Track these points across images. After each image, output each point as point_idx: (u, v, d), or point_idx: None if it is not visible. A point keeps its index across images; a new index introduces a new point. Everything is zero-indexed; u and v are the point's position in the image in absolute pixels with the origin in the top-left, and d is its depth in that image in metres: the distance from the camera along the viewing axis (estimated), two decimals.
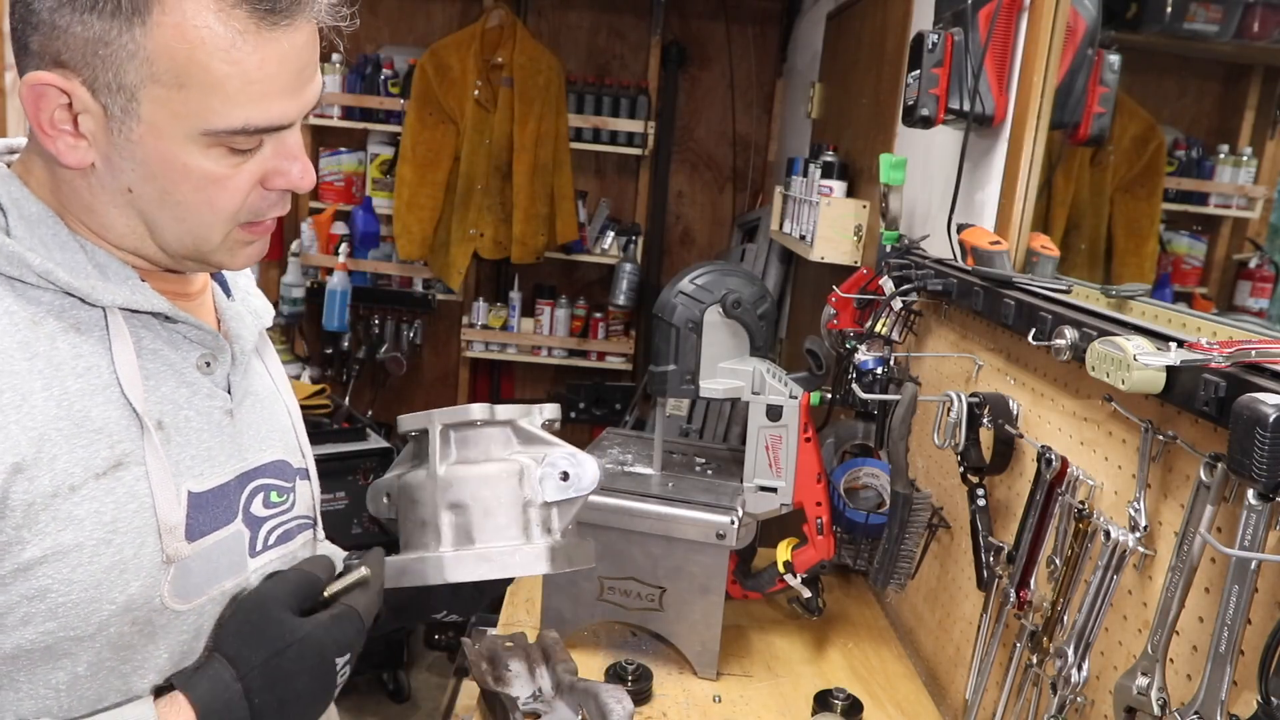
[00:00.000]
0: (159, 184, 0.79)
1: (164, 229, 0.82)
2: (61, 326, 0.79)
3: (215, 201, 0.81)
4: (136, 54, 0.73)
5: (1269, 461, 0.77)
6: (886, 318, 1.72)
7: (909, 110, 1.69)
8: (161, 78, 0.74)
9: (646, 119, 4.05)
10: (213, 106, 0.76)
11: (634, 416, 3.81)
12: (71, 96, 0.75)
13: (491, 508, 0.95)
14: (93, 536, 0.77)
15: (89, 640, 0.79)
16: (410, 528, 0.99)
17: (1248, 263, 1.62)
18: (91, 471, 0.78)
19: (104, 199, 0.81)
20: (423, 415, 1.00)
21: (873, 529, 1.79)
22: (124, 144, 0.77)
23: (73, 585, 0.76)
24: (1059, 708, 1.15)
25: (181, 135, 0.77)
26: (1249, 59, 1.64)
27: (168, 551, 0.82)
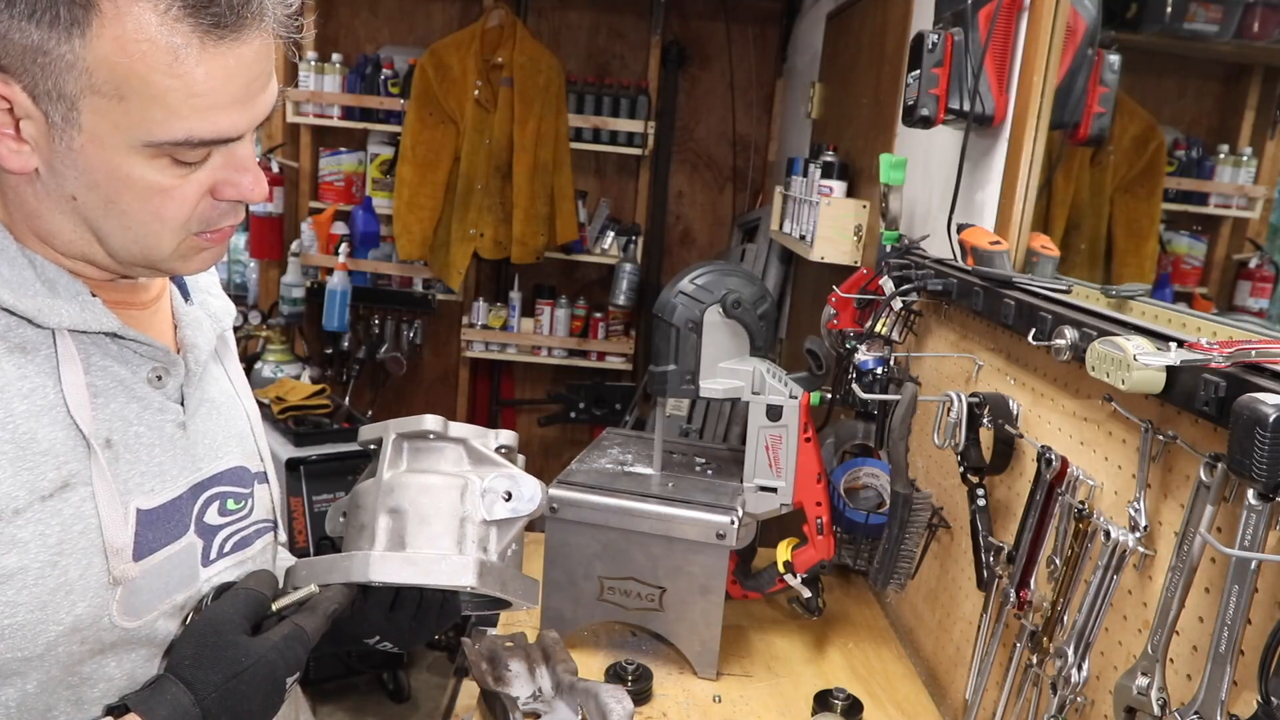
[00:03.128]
0: (102, 193, 0.77)
1: (110, 237, 0.80)
2: (6, 347, 0.78)
3: (161, 212, 0.79)
4: (75, 65, 0.71)
5: (1269, 461, 0.77)
6: (886, 318, 1.72)
7: (909, 110, 1.69)
8: (101, 89, 0.72)
9: (646, 119, 4.05)
10: (155, 118, 0.74)
11: (634, 416, 3.81)
12: (12, 102, 0.73)
13: (428, 516, 0.95)
14: (38, 559, 0.76)
15: (37, 660, 0.78)
16: (351, 533, 0.99)
17: (1248, 263, 1.62)
18: (37, 494, 0.76)
19: (49, 205, 0.79)
20: (379, 425, 1.01)
21: (873, 529, 1.79)
22: (66, 152, 0.75)
23: (18, 608, 0.75)
24: (1059, 708, 1.15)
25: (124, 146, 0.75)
26: (1249, 59, 1.63)
27: (114, 573, 0.81)
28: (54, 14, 0.70)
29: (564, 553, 1.61)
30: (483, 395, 4.54)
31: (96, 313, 0.82)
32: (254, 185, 0.82)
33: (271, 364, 3.74)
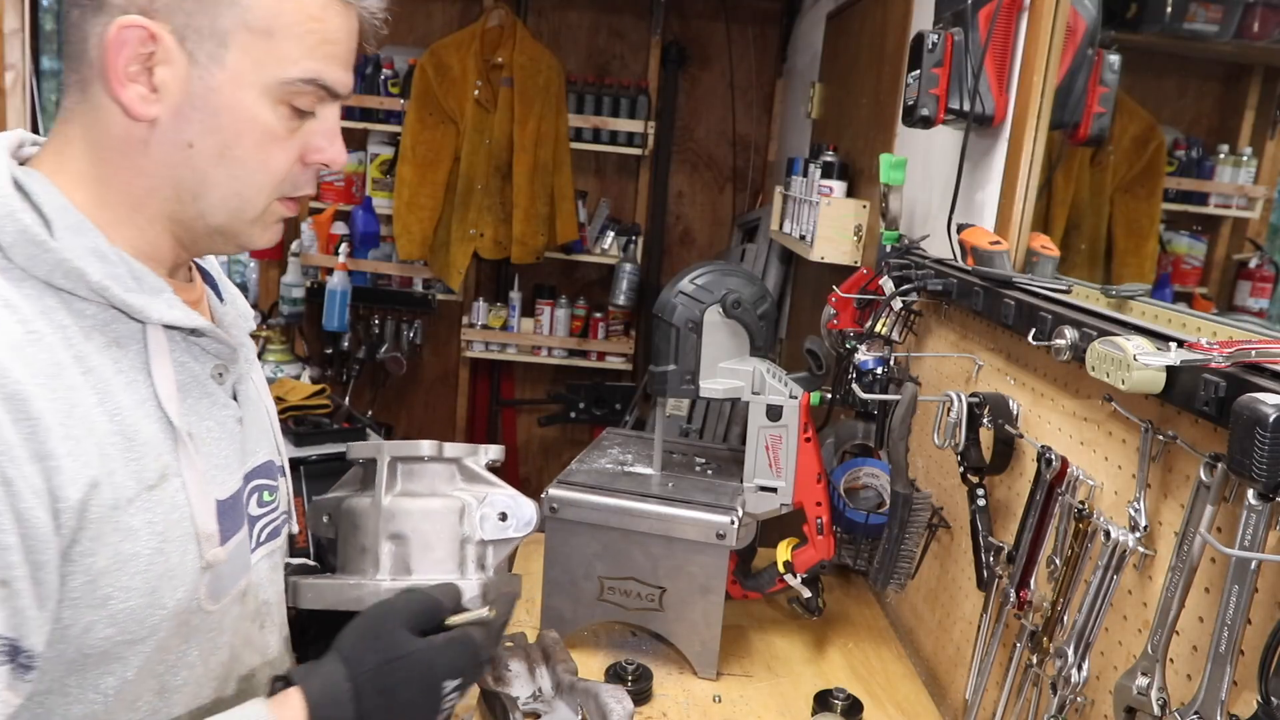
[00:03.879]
0: (223, 137, 0.83)
1: (213, 190, 0.85)
2: (105, 340, 0.81)
3: (270, 161, 0.86)
4: (237, 1, 0.80)
5: (1269, 461, 0.77)
6: (886, 318, 1.72)
7: (909, 110, 1.69)
8: (254, 24, 0.81)
9: (646, 119, 4.05)
10: (292, 56, 0.83)
11: (634, 416, 3.81)
12: (158, 44, 0.79)
13: (431, 542, 0.99)
14: (147, 546, 0.81)
15: (140, 644, 0.82)
16: (350, 552, 1.02)
17: (1248, 263, 1.62)
18: (144, 484, 0.81)
19: (156, 159, 0.83)
20: (373, 445, 1.04)
21: (873, 529, 1.79)
22: (201, 93, 0.81)
23: (130, 593, 0.80)
24: (1059, 708, 1.15)
25: (258, 85, 0.82)
26: (1249, 59, 1.64)
27: (206, 557, 0.86)
28: None
29: (564, 553, 1.61)
30: (483, 395, 4.54)
31: (183, 309, 0.86)
32: (339, 153, 0.90)
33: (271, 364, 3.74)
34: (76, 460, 0.75)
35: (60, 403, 0.75)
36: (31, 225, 0.78)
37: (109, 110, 0.81)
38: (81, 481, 0.75)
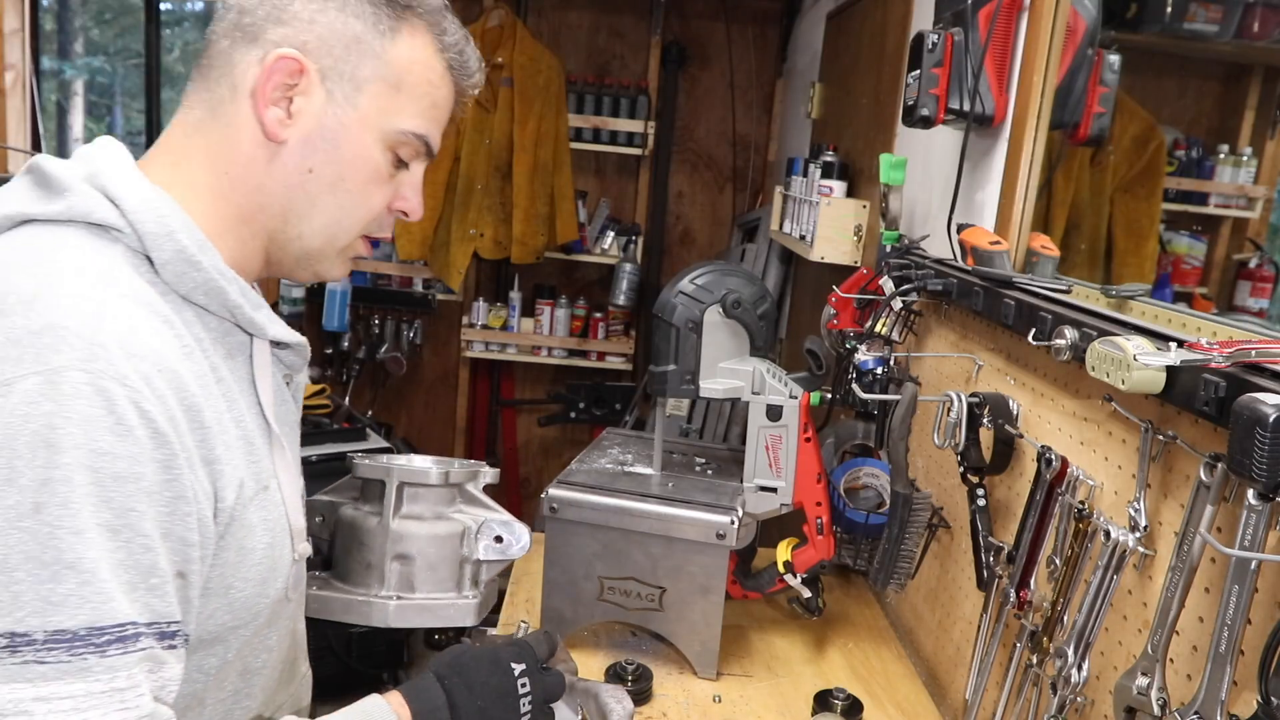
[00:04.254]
0: (339, 169, 0.93)
1: (319, 214, 0.94)
2: (226, 351, 0.90)
3: (370, 198, 0.96)
4: (380, 56, 0.92)
5: (1269, 461, 0.77)
6: (886, 318, 1.72)
7: (909, 110, 1.69)
8: (388, 77, 0.93)
9: (646, 119, 4.05)
10: (409, 111, 0.95)
11: (634, 416, 3.81)
12: (303, 78, 0.90)
13: (434, 563, 1.09)
14: (262, 541, 0.89)
15: (243, 628, 0.91)
16: (355, 565, 1.11)
17: (1248, 263, 1.63)
18: (260, 484, 0.90)
19: (277, 178, 0.92)
20: (382, 468, 1.12)
21: (873, 529, 1.79)
22: (332, 127, 0.91)
23: (248, 582, 0.89)
24: (1059, 708, 1.15)
25: (379, 129, 0.93)
26: (1249, 59, 1.64)
27: (298, 550, 0.95)
28: (375, 17, 0.92)
29: (564, 553, 1.61)
30: (483, 395, 4.54)
31: (282, 325, 0.96)
32: (419, 205, 1.01)
33: None
34: (229, 465, 0.84)
35: (214, 411, 0.84)
36: (188, 245, 0.86)
37: (241, 128, 0.90)
38: (234, 484, 0.85)
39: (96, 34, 9.76)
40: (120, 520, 0.74)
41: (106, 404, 0.73)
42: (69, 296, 0.77)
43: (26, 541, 0.70)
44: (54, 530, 0.71)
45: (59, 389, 0.72)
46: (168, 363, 0.79)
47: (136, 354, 0.77)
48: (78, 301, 0.77)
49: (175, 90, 10.29)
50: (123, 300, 0.80)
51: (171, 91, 10.24)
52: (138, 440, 0.75)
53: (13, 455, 0.71)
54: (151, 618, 0.76)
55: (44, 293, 0.77)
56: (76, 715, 0.70)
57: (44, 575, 0.70)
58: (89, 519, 0.72)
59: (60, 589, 0.71)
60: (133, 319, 0.79)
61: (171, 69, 10.10)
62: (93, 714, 0.71)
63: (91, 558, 0.72)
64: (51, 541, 0.71)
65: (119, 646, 0.73)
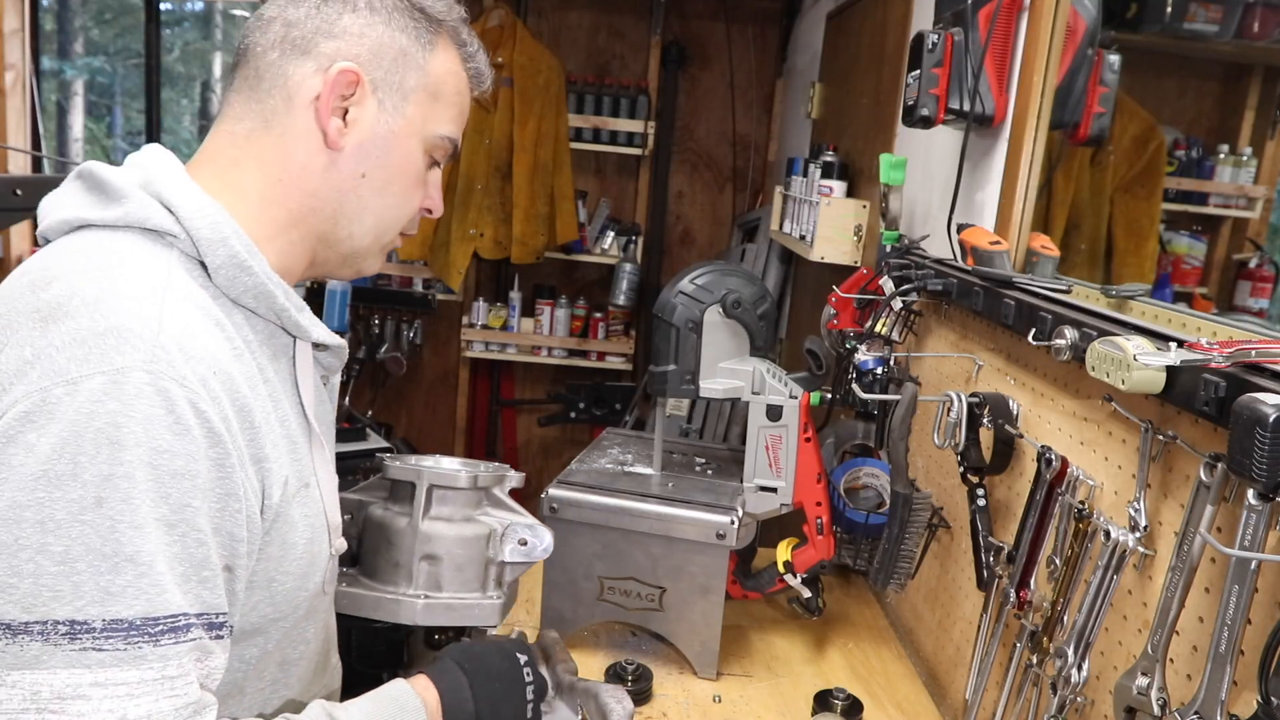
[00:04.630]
0: (388, 173, 0.99)
1: (369, 215, 1.00)
2: (271, 352, 0.94)
3: (412, 198, 1.03)
4: (423, 67, 0.98)
5: (1269, 461, 0.77)
6: (886, 318, 1.72)
7: (909, 110, 1.69)
8: (429, 87, 0.99)
9: (646, 119, 4.05)
10: (445, 118, 1.02)
11: (634, 416, 3.81)
12: (359, 87, 0.95)
13: (461, 564, 1.12)
14: (303, 535, 0.93)
15: (282, 620, 0.94)
16: (383, 564, 1.14)
17: (1248, 263, 1.63)
18: (301, 482, 0.93)
19: (332, 183, 0.97)
20: (411, 469, 1.14)
21: (873, 529, 1.79)
22: (382, 134, 0.97)
23: (289, 575, 0.92)
24: (1059, 708, 1.15)
25: (421, 135, 1.00)
26: (1249, 59, 1.64)
27: (335, 545, 0.99)
28: (416, 31, 0.98)
29: (564, 553, 1.61)
30: (483, 395, 4.54)
31: (323, 328, 0.99)
32: (440, 203, 1.08)
33: None
34: (277, 463, 0.88)
35: (264, 411, 0.87)
36: (241, 251, 0.89)
37: (297, 137, 0.95)
38: (279, 481, 0.88)
39: (96, 34, 9.75)
40: (177, 515, 0.77)
41: (167, 404, 0.77)
42: (131, 300, 0.81)
43: (88, 534, 0.73)
44: (115, 524, 0.74)
45: (123, 389, 0.75)
46: (222, 364, 0.83)
47: (194, 356, 0.80)
48: (140, 305, 0.81)
49: (175, 90, 10.28)
50: (180, 304, 0.84)
51: (171, 91, 10.22)
52: (194, 439, 0.78)
53: (77, 451, 0.74)
54: (202, 609, 0.80)
55: (106, 296, 0.80)
56: (130, 700, 0.74)
57: (104, 567, 0.74)
58: (148, 514, 0.76)
59: (119, 580, 0.74)
60: (190, 322, 0.83)
61: (171, 69, 10.09)
62: (145, 700, 0.75)
63: (149, 551, 0.75)
64: (112, 535, 0.74)
65: (172, 636, 0.76)
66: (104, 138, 9.94)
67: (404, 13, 0.98)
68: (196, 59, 9.92)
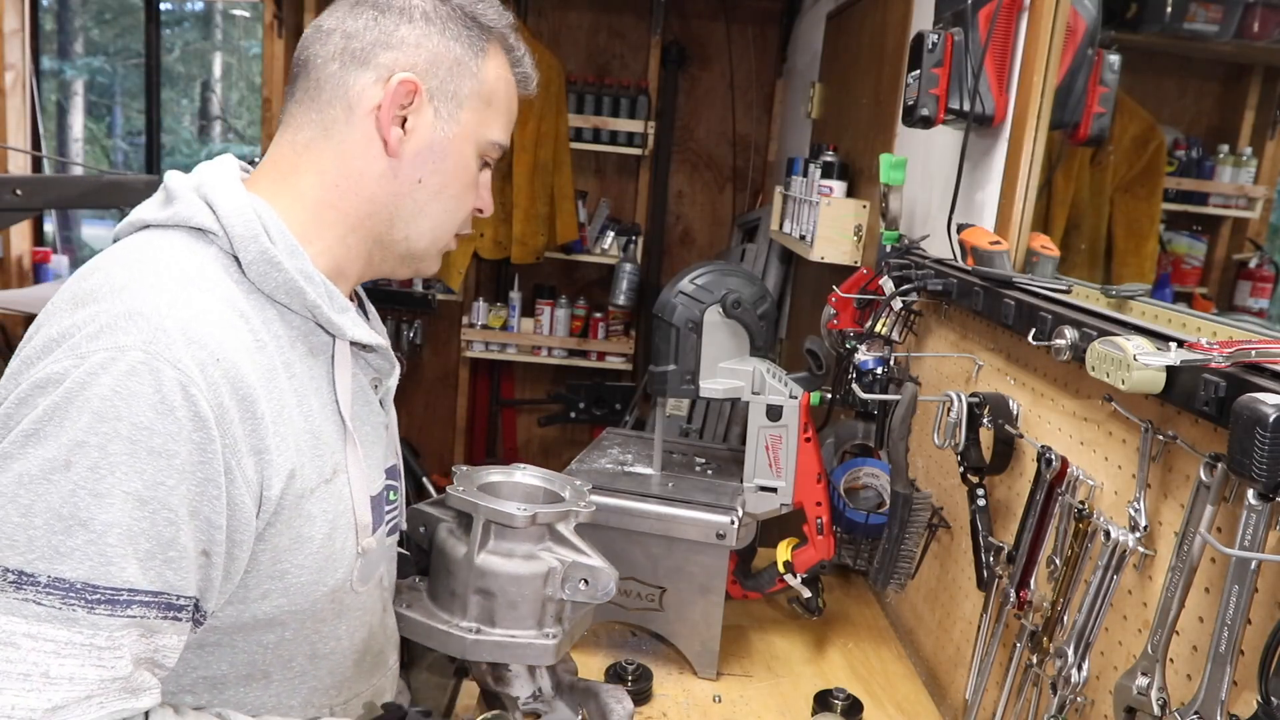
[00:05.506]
0: (444, 178, 1.02)
1: (425, 219, 1.03)
2: (306, 349, 0.96)
3: (466, 201, 1.06)
4: (476, 74, 1.02)
5: (1269, 461, 0.77)
6: (886, 318, 1.72)
7: (909, 110, 1.69)
8: (482, 94, 1.03)
9: (646, 119, 4.05)
10: (496, 123, 1.05)
11: (634, 416, 3.81)
12: (418, 96, 0.98)
13: (515, 601, 1.09)
14: (321, 531, 0.94)
15: (300, 614, 0.96)
16: (441, 589, 1.13)
17: (1248, 263, 1.63)
18: (322, 478, 0.94)
19: (389, 189, 1.00)
20: (470, 501, 1.11)
21: (873, 529, 1.79)
22: (439, 140, 1.01)
23: (303, 569, 0.94)
24: (1059, 708, 1.15)
25: (474, 140, 1.03)
26: (1249, 59, 1.64)
27: (362, 545, 1.00)
28: (469, 39, 1.02)
29: None
30: (483, 395, 4.54)
31: (365, 328, 1.01)
32: (490, 204, 1.11)
33: None
34: (282, 455, 0.89)
35: (274, 404, 0.89)
36: (270, 248, 0.92)
37: (356, 144, 0.98)
38: (283, 474, 0.89)
39: (96, 34, 9.75)
40: (150, 492, 0.80)
41: (155, 383, 0.80)
42: (151, 288, 0.86)
43: (51, 493, 0.77)
44: (76, 488, 0.77)
45: (118, 364, 0.80)
46: (228, 353, 0.85)
47: (196, 342, 0.83)
48: (158, 292, 0.86)
49: (175, 90, 10.24)
50: (201, 294, 0.88)
51: (171, 91, 10.18)
52: (177, 420, 0.81)
53: (64, 416, 0.78)
54: (161, 587, 0.81)
55: (132, 284, 0.86)
56: (55, 659, 0.76)
57: (58, 526, 0.77)
58: (116, 485, 0.78)
59: (69, 542, 0.77)
60: (205, 311, 0.86)
61: (171, 69, 10.06)
62: (70, 662, 0.77)
63: (105, 520, 0.78)
64: (72, 498, 0.77)
65: (107, 608, 0.78)
66: (104, 138, 9.94)
67: (458, 21, 1.01)
68: (196, 59, 9.93)
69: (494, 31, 1.05)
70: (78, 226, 8.26)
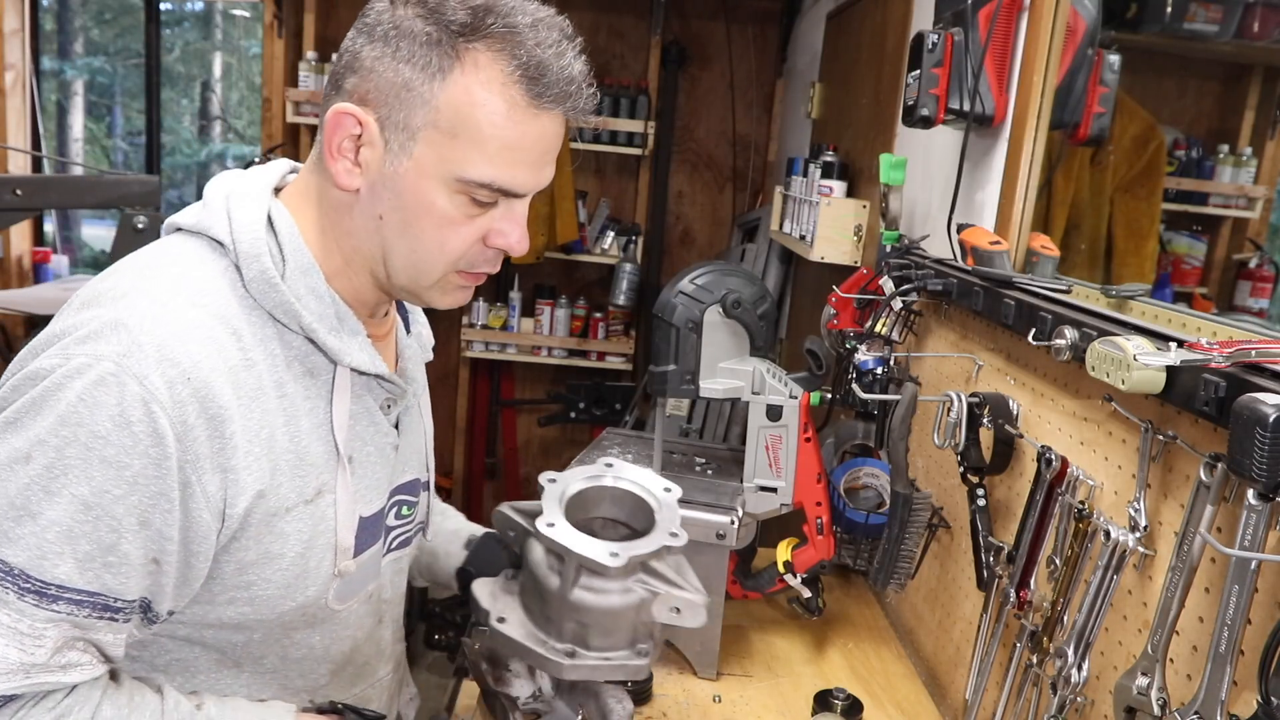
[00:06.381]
0: (405, 215, 0.92)
1: (396, 256, 0.95)
2: (304, 370, 0.95)
3: (445, 243, 0.94)
4: (429, 102, 0.88)
5: (1269, 461, 0.77)
6: (886, 318, 1.72)
7: (909, 110, 1.69)
8: (440, 125, 0.89)
9: (646, 119, 4.05)
10: (471, 159, 0.90)
11: (634, 416, 3.81)
12: (364, 128, 0.90)
13: (609, 629, 1.09)
14: (293, 549, 0.94)
15: (267, 624, 0.97)
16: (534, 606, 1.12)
17: (1248, 263, 1.63)
18: (302, 498, 0.94)
19: (358, 223, 0.95)
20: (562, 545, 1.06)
21: (873, 529, 1.79)
22: (391, 175, 0.91)
23: (271, 584, 0.94)
24: (1059, 708, 1.15)
25: (439, 177, 0.90)
26: (1249, 59, 1.64)
27: (339, 567, 0.99)
28: (426, 60, 0.88)
29: None
30: (483, 395, 4.53)
31: (370, 355, 0.98)
32: (520, 241, 0.96)
33: None
34: (251, 474, 0.88)
35: (253, 423, 0.88)
36: (269, 268, 0.91)
37: (328, 178, 0.94)
38: (250, 493, 0.89)
39: (96, 34, 9.74)
40: (96, 499, 0.82)
41: (119, 396, 0.82)
42: (147, 298, 0.87)
43: (10, 481, 0.81)
44: (31, 482, 0.81)
45: (91, 372, 0.82)
46: (202, 373, 0.85)
47: (169, 359, 0.84)
48: (151, 303, 0.87)
49: (175, 90, 10.23)
50: (195, 309, 0.88)
51: (171, 91, 10.18)
52: (134, 434, 0.82)
53: (37, 411, 0.82)
54: (99, 589, 0.84)
55: (133, 292, 0.88)
56: None
57: (10, 514, 0.81)
58: (66, 486, 0.81)
59: (18, 530, 0.81)
60: (191, 326, 0.87)
61: (171, 69, 10.05)
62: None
63: (50, 518, 0.81)
64: (26, 490, 0.81)
65: (35, 598, 0.82)
66: (104, 138, 9.95)
67: (415, 39, 0.88)
68: (196, 59, 9.93)
69: (476, 34, 0.88)
70: (78, 226, 8.27)
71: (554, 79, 0.91)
